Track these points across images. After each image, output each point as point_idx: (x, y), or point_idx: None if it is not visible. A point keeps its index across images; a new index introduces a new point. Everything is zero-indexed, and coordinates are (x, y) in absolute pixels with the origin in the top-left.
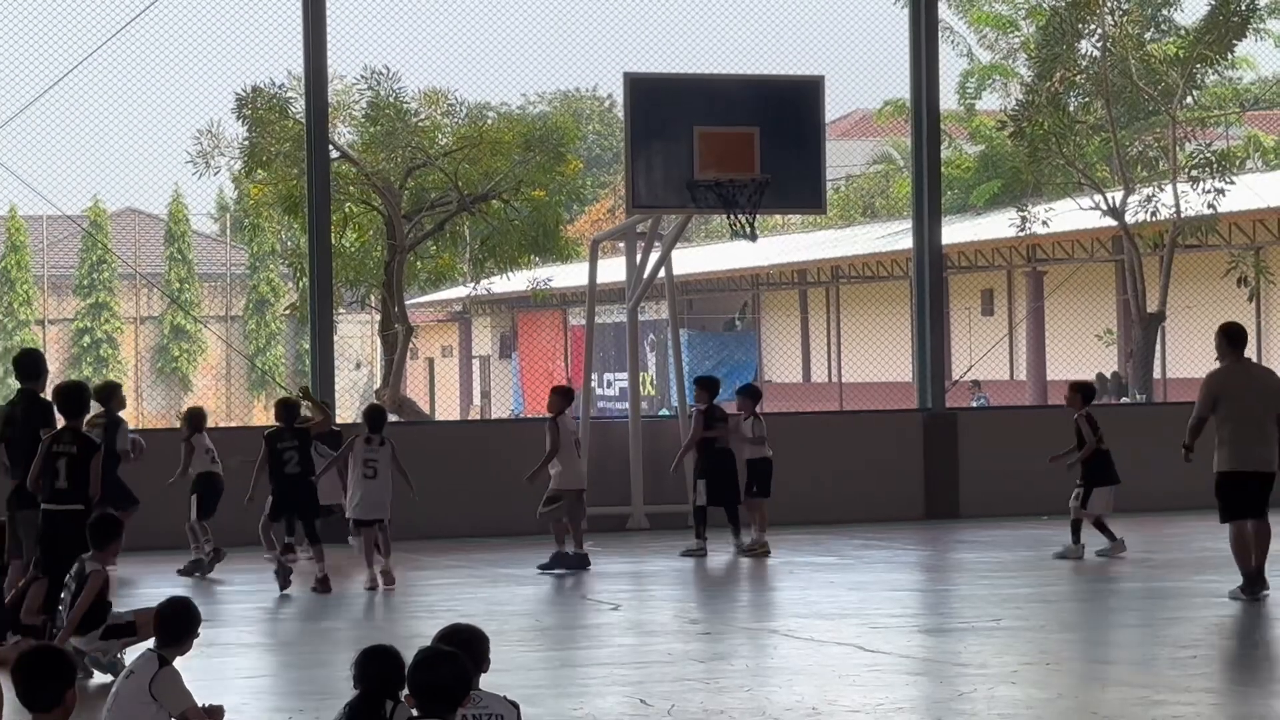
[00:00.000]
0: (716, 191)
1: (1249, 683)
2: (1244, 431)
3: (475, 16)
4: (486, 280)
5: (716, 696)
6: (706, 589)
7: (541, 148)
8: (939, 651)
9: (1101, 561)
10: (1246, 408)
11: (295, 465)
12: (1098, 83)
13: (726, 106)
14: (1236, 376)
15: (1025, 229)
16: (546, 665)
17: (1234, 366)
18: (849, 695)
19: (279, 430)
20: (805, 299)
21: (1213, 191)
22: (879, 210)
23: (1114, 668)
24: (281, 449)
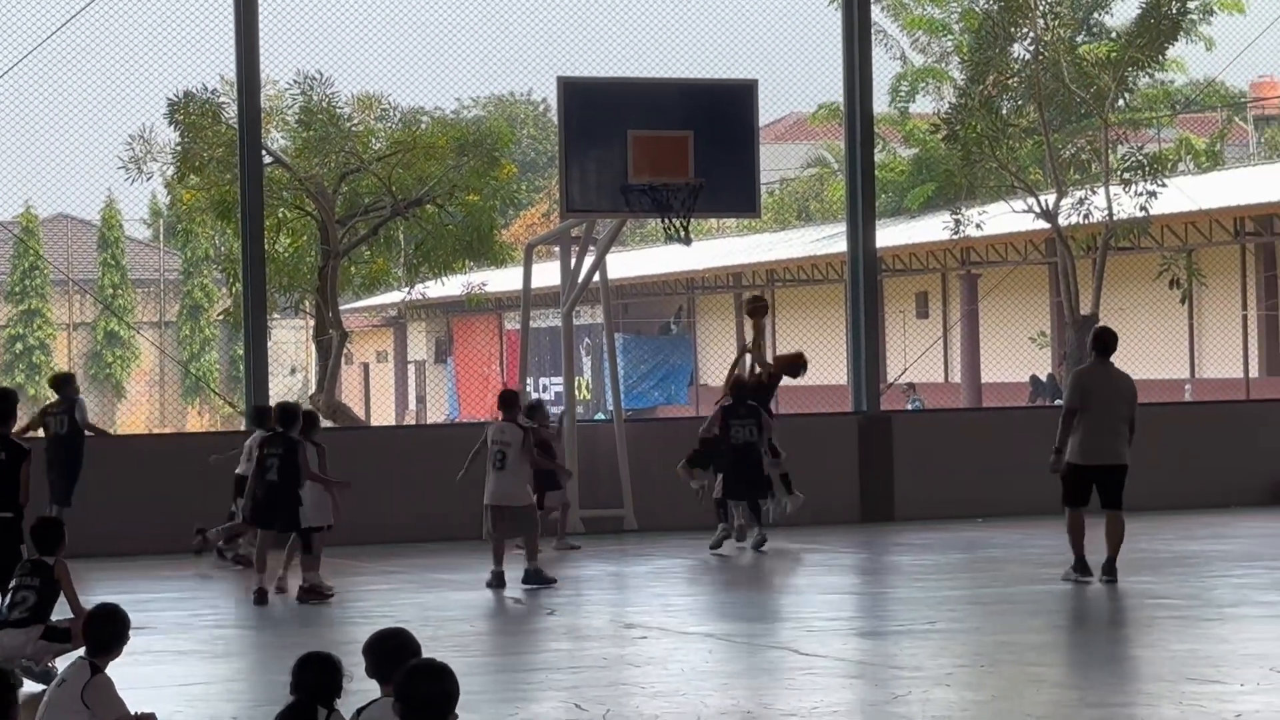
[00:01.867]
0: (651, 195)
1: (1181, 683)
2: (1095, 428)
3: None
4: (421, 285)
5: (652, 701)
6: (642, 593)
7: (475, 152)
8: (874, 654)
9: (1035, 564)
10: (1102, 405)
11: (274, 473)
12: (1030, 86)
13: (660, 110)
14: (1098, 376)
15: (959, 232)
16: (482, 671)
17: (1098, 367)
18: (784, 699)
19: (270, 436)
20: (740, 302)
21: (1145, 194)
22: (813, 213)
23: (1048, 669)
24: (267, 454)
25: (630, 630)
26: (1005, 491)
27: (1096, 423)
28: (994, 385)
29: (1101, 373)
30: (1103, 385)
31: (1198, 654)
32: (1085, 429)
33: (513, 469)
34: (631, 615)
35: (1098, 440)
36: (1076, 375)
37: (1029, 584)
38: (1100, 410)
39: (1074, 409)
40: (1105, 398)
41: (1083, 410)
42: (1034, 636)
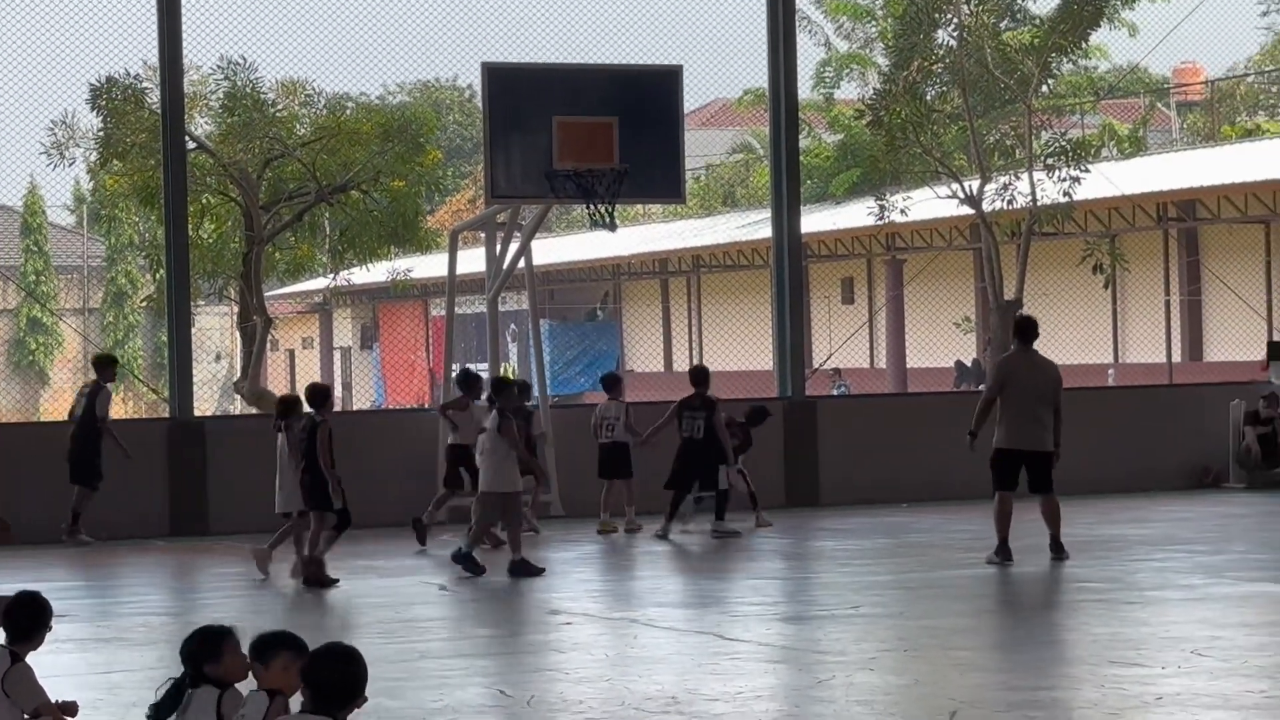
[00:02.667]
0: (576, 181)
1: (1103, 666)
2: (1019, 413)
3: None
4: (346, 271)
5: (576, 687)
6: (567, 579)
7: (401, 138)
8: (798, 639)
9: (959, 549)
10: (1024, 392)
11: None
12: (954, 72)
13: (586, 96)
14: (1020, 363)
15: (884, 217)
16: (406, 657)
17: (1019, 355)
18: (708, 684)
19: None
20: (666, 288)
21: (1068, 180)
22: (739, 199)
23: (971, 653)
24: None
25: (555, 616)
26: (930, 476)
27: (1017, 409)
28: (919, 370)
29: (1023, 360)
30: (1023, 372)
31: (1119, 637)
32: (1006, 415)
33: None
34: (557, 601)
35: (1018, 427)
36: (997, 364)
37: (953, 569)
38: (1020, 397)
39: (991, 397)
40: (1026, 385)
41: (1003, 397)
42: (958, 621)
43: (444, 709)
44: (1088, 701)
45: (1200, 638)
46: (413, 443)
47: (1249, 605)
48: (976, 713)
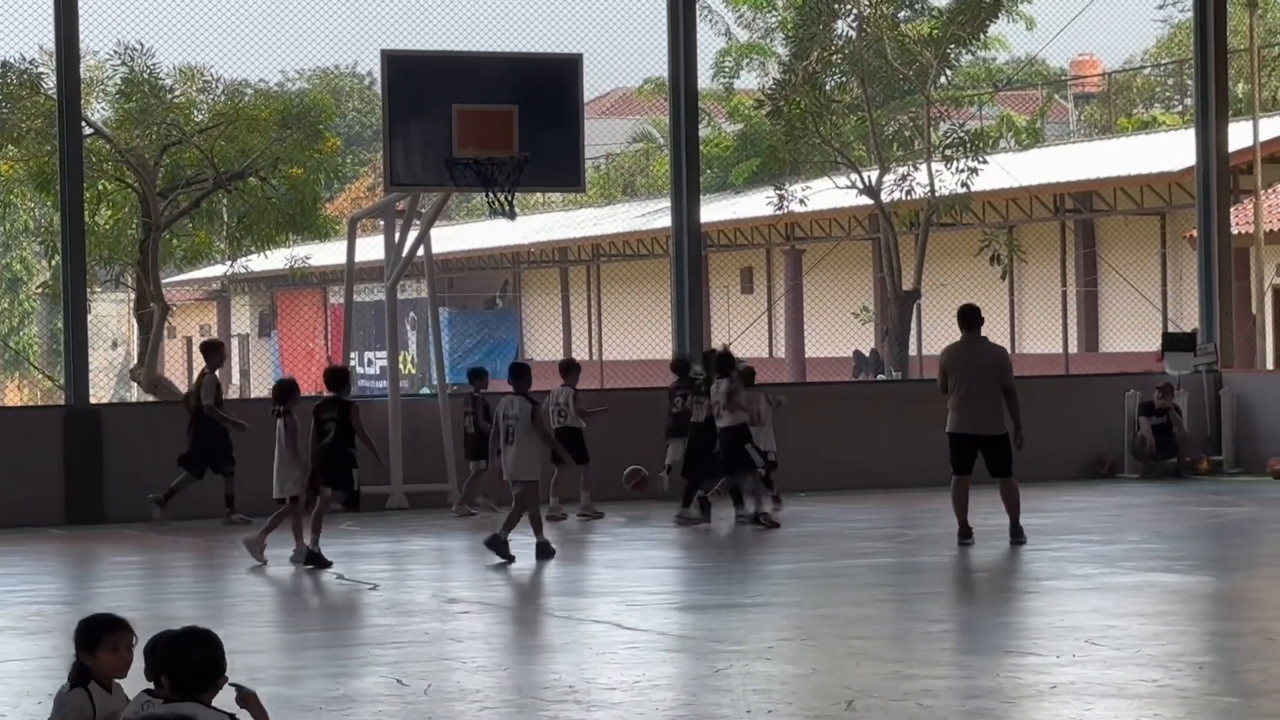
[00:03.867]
0: (475, 169)
1: (998, 655)
2: (961, 399)
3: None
4: (244, 258)
5: (474, 676)
6: (465, 568)
7: (299, 125)
8: (696, 628)
9: (856, 538)
10: (969, 377)
11: (332, 437)
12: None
13: (485, 84)
14: (962, 351)
15: (783, 207)
16: (304, 646)
17: (962, 342)
18: (606, 673)
19: (324, 401)
20: (566, 277)
21: (966, 171)
22: (639, 189)
23: (867, 643)
24: (324, 419)
25: (453, 605)
26: (827, 466)
27: (960, 395)
28: (818, 360)
29: (964, 346)
30: (963, 358)
31: (1015, 626)
32: (952, 401)
33: (521, 443)
34: (454, 590)
35: (961, 412)
36: (941, 356)
37: (850, 558)
38: (962, 383)
39: (942, 389)
40: (966, 371)
41: (950, 385)
42: (854, 610)
43: (341, 698)
44: (983, 690)
45: (1094, 627)
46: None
47: (1142, 595)
48: (873, 702)
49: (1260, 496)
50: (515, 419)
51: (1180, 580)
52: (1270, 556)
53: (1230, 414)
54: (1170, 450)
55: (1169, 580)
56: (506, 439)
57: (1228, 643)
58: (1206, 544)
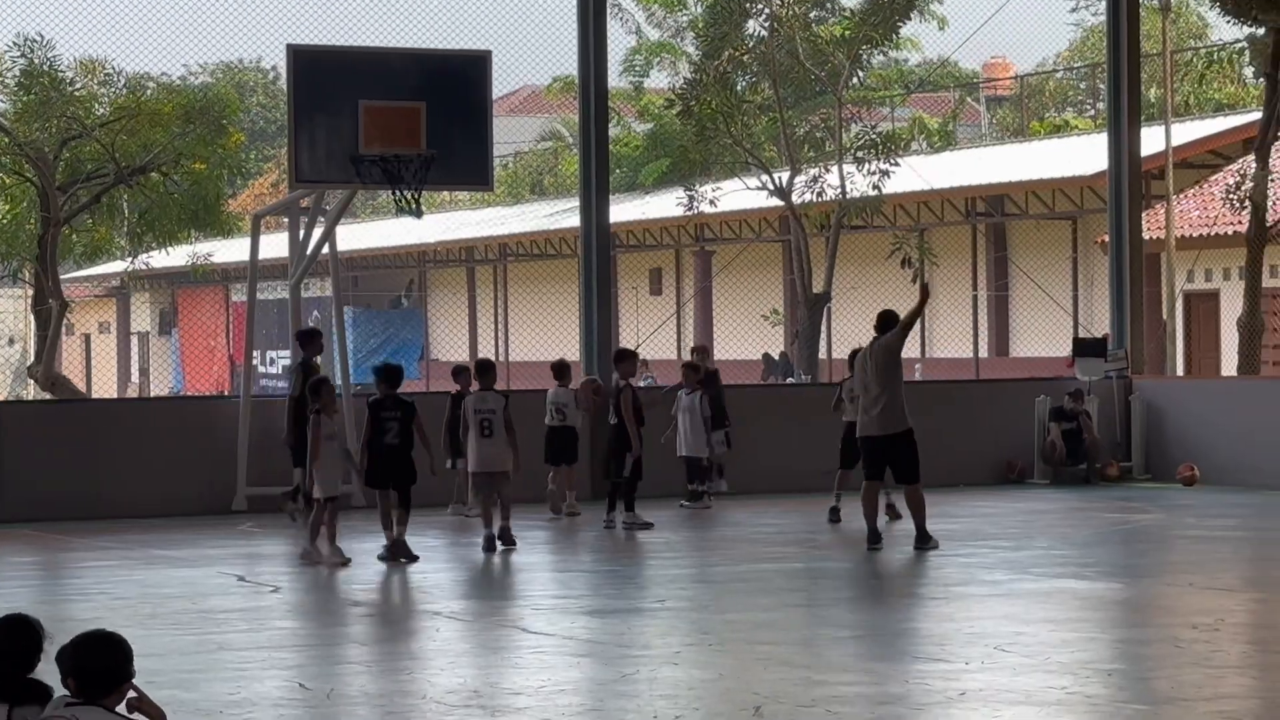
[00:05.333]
0: (382, 167)
1: (907, 661)
2: (861, 403)
3: None
4: (145, 255)
5: (377, 680)
6: (369, 571)
7: (203, 120)
8: (602, 633)
9: (765, 543)
10: (859, 382)
11: (395, 436)
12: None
13: (392, 80)
14: (858, 355)
15: (693, 208)
16: (203, 649)
17: (863, 347)
18: (511, 678)
19: (381, 399)
20: (473, 276)
21: (878, 173)
22: (547, 188)
23: (776, 648)
24: (384, 418)
25: (356, 608)
26: (737, 470)
27: (860, 398)
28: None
29: (863, 350)
30: (857, 363)
31: (923, 632)
32: (860, 405)
33: (499, 435)
34: (358, 593)
35: (862, 414)
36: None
37: (759, 562)
38: (859, 385)
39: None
40: (860, 374)
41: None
42: (762, 615)
43: (241, 701)
44: (891, 696)
45: (1004, 633)
46: (212, 431)
47: (1052, 601)
48: (780, 708)
49: (1169, 503)
50: (492, 413)
51: (1089, 587)
52: (1179, 563)
53: (1140, 420)
54: (1080, 456)
55: (1078, 587)
56: (483, 432)
57: (1137, 650)
58: (1116, 550)
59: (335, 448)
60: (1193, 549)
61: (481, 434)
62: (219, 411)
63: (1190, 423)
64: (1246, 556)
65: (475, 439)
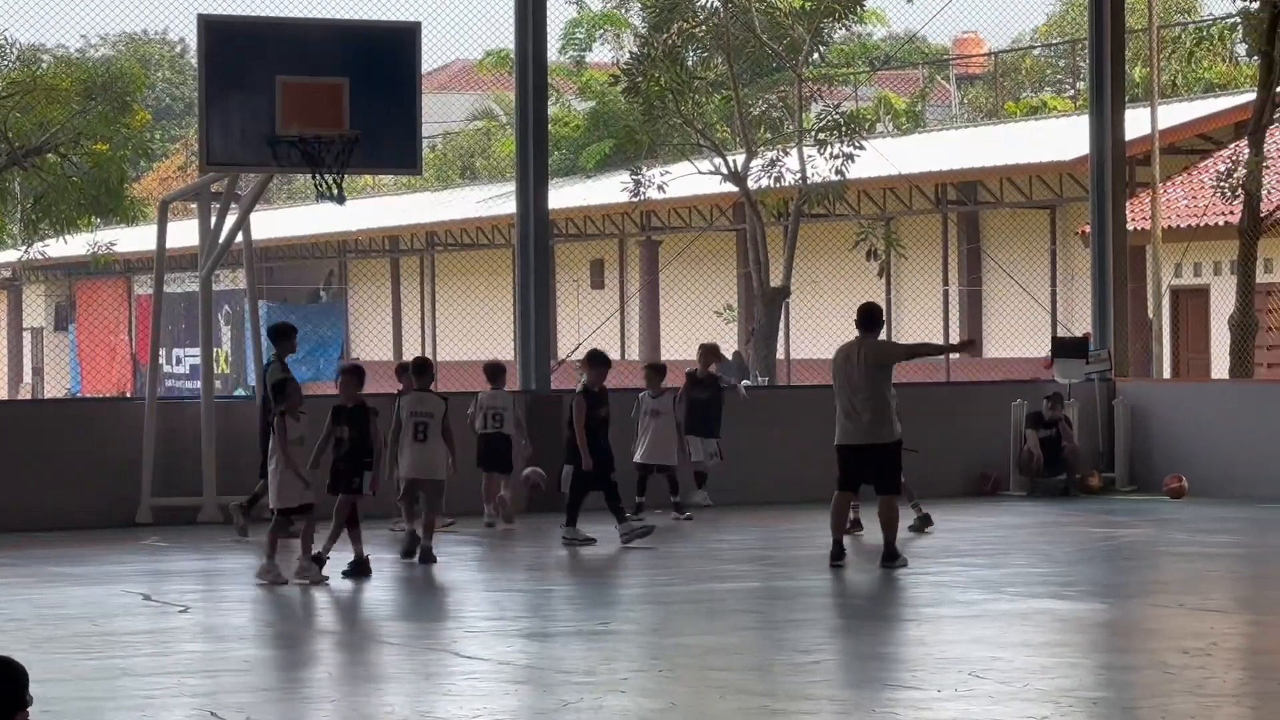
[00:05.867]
0: (301, 148)
1: (874, 689)
2: (839, 408)
3: None
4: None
5: (297, 707)
6: (287, 589)
7: (104, 96)
8: (542, 657)
9: (719, 560)
10: (840, 385)
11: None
12: (718, 36)
13: (313, 55)
14: (839, 355)
15: (639, 194)
16: (105, 675)
17: (847, 344)
18: (444, 705)
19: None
20: (397, 267)
21: (841, 156)
22: (479, 171)
23: (731, 674)
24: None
25: (273, 629)
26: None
27: (838, 404)
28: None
29: (842, 350)
30: (839, 364)
31: (892, 657)
32: (837, 410)
33: (435, 441)
34: (275, 613)
35: (839, 422)
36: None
37: (711, 581)
38: (838, 391)
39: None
40: (841, 377)
41: (835, 393)
42: (716, 639)
43: None
44: None
45: (979, 658)
46: (113, 436)
47: (1029, 623)
48: None
49: (1156, 517)
50: (430, 416)
51: (1071, 608)
52: (1167, 582)
53: (1124, 427)
54: (1059, 466)
55: (1059, 608)
56: (417, 436)
57: (1123, 676)
58: (1098, 568)
59: (299, 453)
60: (1182, 567)
61: (415, 438)
62: (121, 415)
63: (1178, 430)
64: (1240, 575)
65: (409, 443)
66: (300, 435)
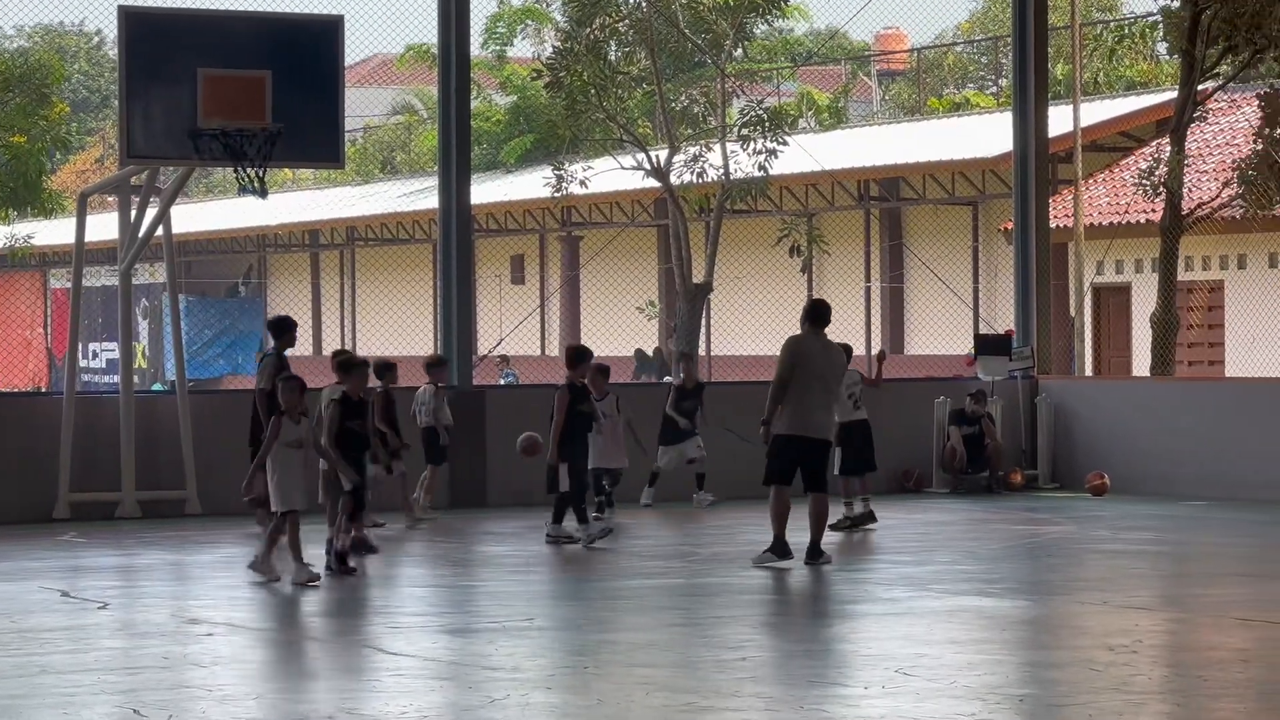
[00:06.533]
0: (223, 142)
1: (801, 686)
2: (808, 398)
3: None
4: None
5: (220, 705)
6: (207, 585)
7: (21, 88)
8: (466, 654)
9: (642, 556)
10: (815, 376)
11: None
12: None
13: (235, 47)
14: (814, 345)
15: (561, 189)
16: (23, 672)
17: (811, 337)
18: (369, 702)
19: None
20: (317, 262)
21: (764, 152)
22: (400, 166)
23: (657, 671)
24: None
25: (195, 626)
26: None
27: (807, 394)
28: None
29: (814, 343)
30: (817, 355)
31: (818, 655)
32: (795, 399)
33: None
34: (196, 609)
35: (807, 412)
36: (787, 344)
37: (636, 578)
38: (812, 381)
39: (785, 380)
40: (818, 369)
41: (794, 380)
42: (643, 635)
43: None
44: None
45: (905, 656)
46: (30, 431)
47: (955, 620)
48: None
49: (1078, 514)
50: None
51: (996, 605)
52: (1091, 580)
53: (1047, 424)
54: (982, 463)
55: (984, 605)
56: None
57: (1049, 674)
58: (1022, 565)
59: (297, 455)
60: (1106, 564)
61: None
62: (37, 410)
63: (1100, 427)
64: (1164, 573)
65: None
66: (300, 437)
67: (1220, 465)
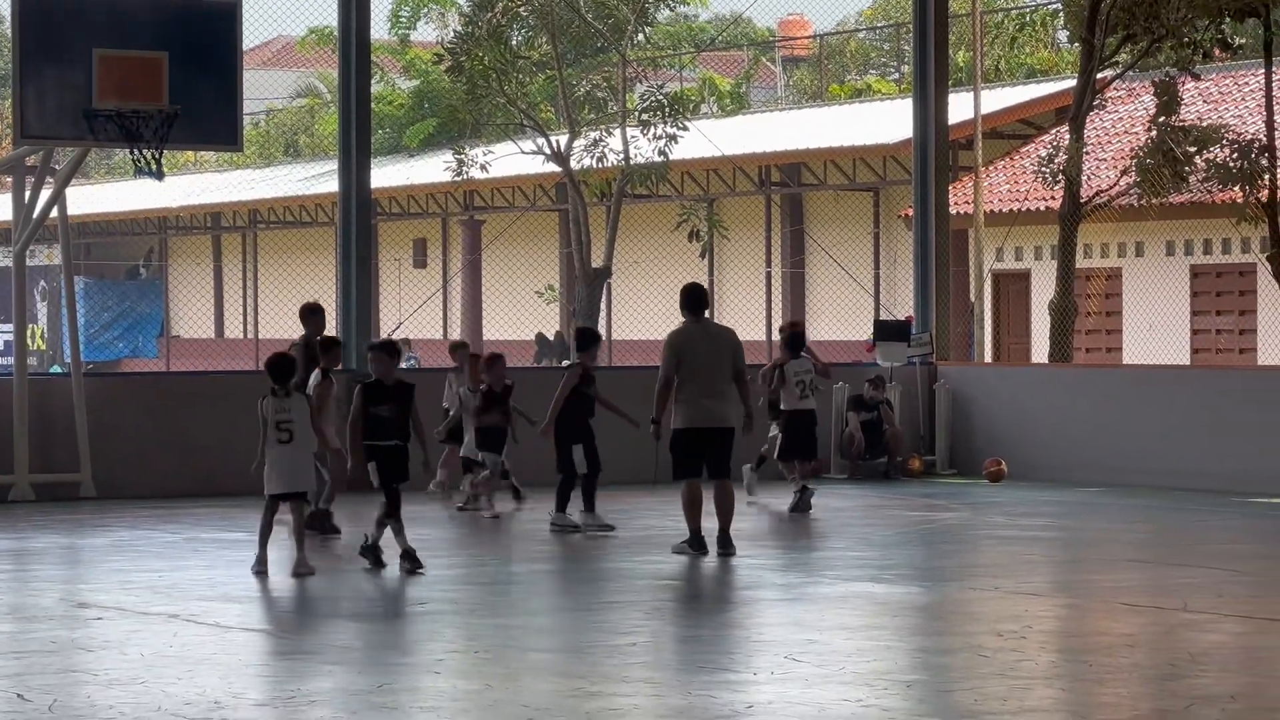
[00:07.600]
0: (119, 123)
1: (690, 671)
2: (700, 389)
3: None
4: None
5: (107, 690)
6: (98, 569)
7: None
8: (357, 638)
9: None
10: (703, 366)
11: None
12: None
13: (131, 27)
14: (695, 335)
15: (462, 173)
16: None
17: (692, 326)
18: (257, 687)
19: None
20: (219, 245)
21: (664, 137)
22: (302, 149)
23: (547, 656)
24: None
25: (84, 610)
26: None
27: (698, 385)
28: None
29: (696, 332)
30: (701, 344)
31: (707, 640)
32: (687, 393)
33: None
34: (85, 593)
35: (700, 404)
36: (669, 338)
37: (527, 562)
38: (700, 372)
39: (669, 377)
40: (705, 358)
41: (681, 374)
42: (532, 620)
43: None
44: (672, 710)
45: (796, 641)
46: None
47: (847, 606)
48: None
49: (974, 500)
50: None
51: (888, 591)
52: (984, 566)
53: (945, 410)
54: (880, 449)
55: (876, 591)
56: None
57: (938, 659)
58: (917, 552)
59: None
60: (999, 550)
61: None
62: None
63: (998, 413)
64: (1056, 559)
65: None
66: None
67: (1117, 451)
